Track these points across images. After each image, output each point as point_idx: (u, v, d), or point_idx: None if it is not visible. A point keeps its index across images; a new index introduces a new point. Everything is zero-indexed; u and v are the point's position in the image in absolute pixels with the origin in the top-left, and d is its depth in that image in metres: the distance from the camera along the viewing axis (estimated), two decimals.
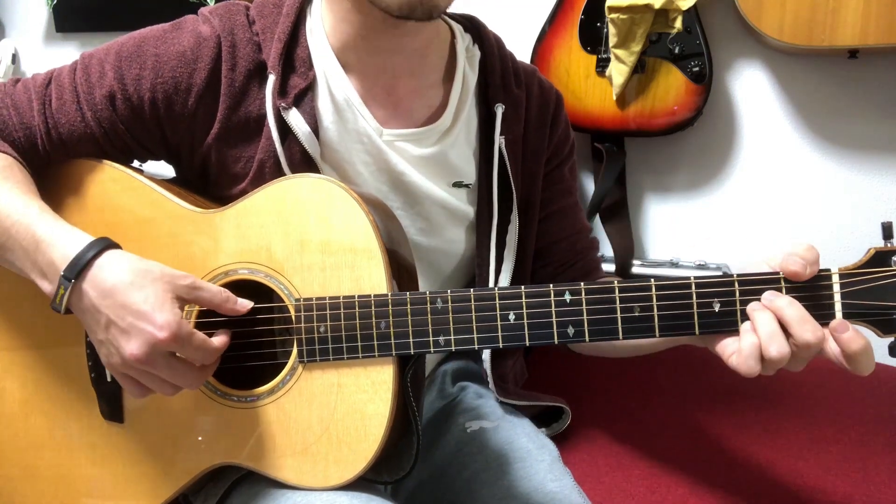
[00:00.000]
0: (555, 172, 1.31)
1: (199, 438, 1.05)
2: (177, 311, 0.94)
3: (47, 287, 0.98)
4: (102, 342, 0.97)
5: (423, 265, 1.20)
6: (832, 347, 0.90)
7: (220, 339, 0.99)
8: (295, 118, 1.11)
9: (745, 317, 0.93)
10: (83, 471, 1.10)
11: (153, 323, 0.92)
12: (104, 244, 0.98)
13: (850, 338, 0.88)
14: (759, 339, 0.90)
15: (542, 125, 1.27)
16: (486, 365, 1.29)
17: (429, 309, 0.98)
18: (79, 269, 0.95)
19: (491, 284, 1.23)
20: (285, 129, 1.11)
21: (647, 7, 1.65)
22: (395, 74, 1.15)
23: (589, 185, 1.93)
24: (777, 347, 0.89)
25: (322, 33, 1.15)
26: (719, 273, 1.33)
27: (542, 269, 1.33)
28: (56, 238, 0.98)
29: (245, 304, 1.01)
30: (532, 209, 1.27)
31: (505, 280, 1.25)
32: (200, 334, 0.96)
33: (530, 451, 1.18)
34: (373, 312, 0.99)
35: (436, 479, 1.21)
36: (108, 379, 1.07)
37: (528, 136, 1.25)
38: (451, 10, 1.25)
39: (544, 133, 1.27)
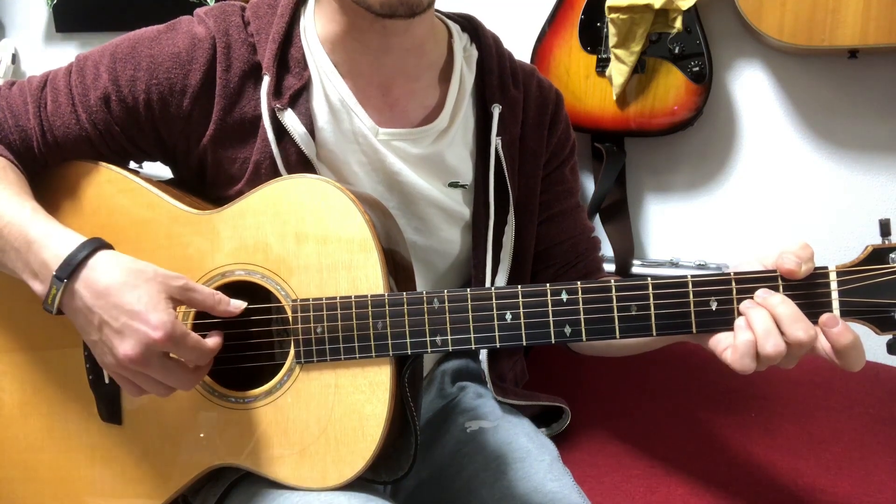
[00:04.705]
0: (555, 174, 1.30)
1: (198, 439, 1.05)
2: (171, 312, 0.94)
3: (39, 288, 0.98)
4: (96, 342, 0.97)
5: (418, 264, 1.20)
6: (823, 344, 0.90)
7: (213, 340, 0.99)
8: (290, 119, 1.10)
9: (740, 314, 0.92)
10: (82, 472, 1.10)
11: (147, 323, 0.92)
12: (96, 244, 0.98)
13: (839, 332, 0.88)
14: (755, 335, 0.90)
15: (540, 126, 1.26)
16: (484, 366, 1.29)
17: (426, 309, 0.98)
18: (71, 269, 0.95)
19: (487, 285, 1.23)
20: (281, 130, 1.11)
21: (647, 7, 1.64)
22: (388, 74, 1.15)
23: (589, 185, 1.92)
24: (773, 344, 0.88)
25: (315, 34, 1.14)
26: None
27: (544, 271, 1.32)
28: (48, 238, 0.98)
29: (238, 305, 1.01)
30: (530, 210, 1.27)
31: (501, 281, 1.25)
32: (195, 335, 0.96)
33: (530, 451, 1.18)
34: (370, 313, 0.99)
35: (435, 479, 1.20)
36: (107, 381, 1.07)
37: (525, 136, 1.25)
38: (449, 9, 1.25)
39: (542, 134, 1.27)
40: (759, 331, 0.89)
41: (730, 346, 0.92)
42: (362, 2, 1.04)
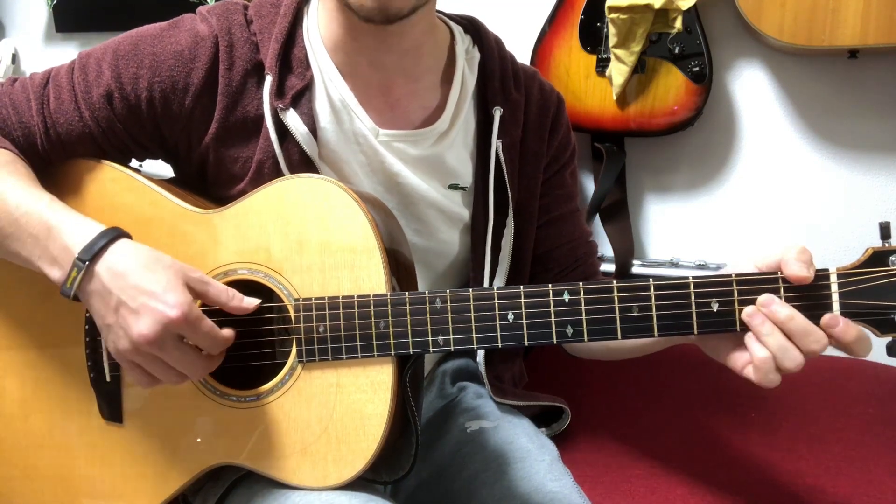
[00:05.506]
0: (555, 177, 1.30)
1: (199, 438, 1.06)
2: (188, 294, 0.95)
3: (56, 273, 0.98)
4: (111, 326, 0.96)
5: (417, 265, 1.19)
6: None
7: (227, 331, 0.99)
8: (293, 119, 1.11)
9: (743, 323, 0.93)
10: (82, 471, 1.10)
11: (165, 302, 0.93)
12: (118, 232, 0.99)
13: (842, 330, 0.90)
14: (771, 354, 0.91)
15: (541, 129, 1.26)
16: (481, 367, 1.29)
17: (428, 309, 0.98)
18: (93, 252, 0.96)
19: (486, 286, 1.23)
20: (283, 130, 1.11)
21: (647, 7, 1.64)
22: (388, 75, 1.15)
23: (589, 186, 1.93)
24: (791, 358, 0.91)
25: (317, 34, 1.15)
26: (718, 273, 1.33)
27: (542, 274, 1.32)
28: (70, 224, 0.98)
29: (251, 302, 1.01)
30: (529, 214, 1.27)
31: (499, 284, 1.24)
32: (210, 321, 0.96)
33: (530, 451, 1.18)
34: (372, 312, 0.99)
35: (435, 479, 1.21)
36: (108, 379, 1.07)
37: (526, 140, 1.25)
38: (451, 10, 1.25)
39: (543, 137, 1.27)
40: (775, 349, 0.91)
41: (749, 364, 0.93)
42: (346, 4, 1.05)
